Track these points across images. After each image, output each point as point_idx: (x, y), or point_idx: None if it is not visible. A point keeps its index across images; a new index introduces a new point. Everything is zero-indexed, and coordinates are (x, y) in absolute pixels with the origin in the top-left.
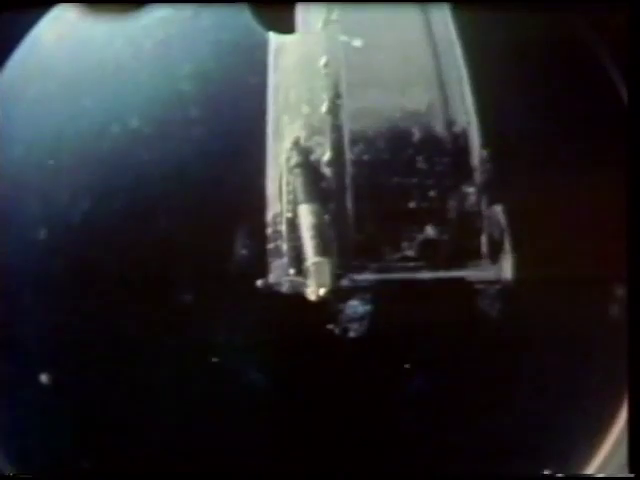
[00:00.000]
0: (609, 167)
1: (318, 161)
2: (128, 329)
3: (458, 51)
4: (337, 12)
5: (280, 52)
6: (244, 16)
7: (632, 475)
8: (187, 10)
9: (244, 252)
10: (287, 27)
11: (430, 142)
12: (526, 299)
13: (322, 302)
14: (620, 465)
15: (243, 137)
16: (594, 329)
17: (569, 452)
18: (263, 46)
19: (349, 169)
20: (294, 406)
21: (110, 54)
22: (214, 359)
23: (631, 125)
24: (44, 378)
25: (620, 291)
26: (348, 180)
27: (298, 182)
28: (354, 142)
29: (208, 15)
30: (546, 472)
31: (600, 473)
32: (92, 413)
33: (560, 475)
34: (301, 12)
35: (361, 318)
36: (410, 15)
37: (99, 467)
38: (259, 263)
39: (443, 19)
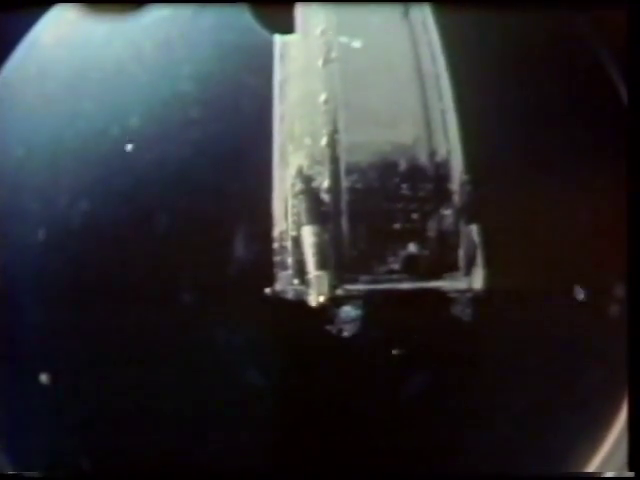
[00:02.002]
0: (608, 169)
1: (318, 188)
2: (128, 329)
3: (444, 82)
4: (336, 50)
5: (285, 84)
6: (245, 16)
7: (632, 474)
8: (187, 10)
9: (252, 263)
10: (287, 27)
11: (414, 171)
12: (496, 305)
13: (321, 308)
14: (620, 464)
15: (244, 138)
16: (594, 329)
17: (569, 452)
18: (264, 46)
19: (345, 195)
20: (297, 395)
21: (110, 54)
22: (219, 359)
23: (631, 125)
24: (44, 378)
25: (619, 291)
26: (344, 205)
27: (302, 206)
28: (349, 172)
29: (208, 15)
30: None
31: (600, 472)
32: (92, 413)
33: (560, 475)
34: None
35: (353, 321)
36: (401, 54)
37: (99, 467)
38: (266, 273)
39: (431, 53)
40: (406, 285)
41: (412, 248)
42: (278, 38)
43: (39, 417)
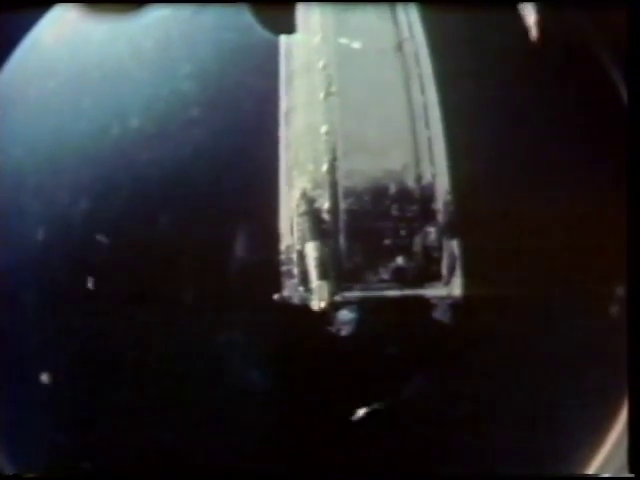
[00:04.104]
0: (608, 170)
1: (320, 209)
2: (128, 329)
3: (432, 111)
4: (336, 85)
5: (290, 113)
6: (244, 16)
7: (632, 475)
8: (187, 10)
9: (263, 272)
10: (287, 27)
11: (402, 194)
12: (473, 310)
13: (322, 311)
14: (620, 465)
15: (244, 137)
16: (594, 329)
17: (569, 452)
18: (264, 46)
19: (342, 216)
20: (299, 386)
21: (110, 54)
22: (224, 359)
23: (631, 125)
24: (44, 378)
25: (620, 291)
26: (342, 224)
27: (305, 225)
28: (346, 195)
29: (208, 15)
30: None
31: (600, 473)
32: (92, 413)
33: (560, 476)
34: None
35: (349, 322)
36: (393, 88)
37: (99, 467)
38: (274, 281)
39: (421, 84)
40: (394, 292)
41: (400, 261)
42: (282, 70)
43: (39, 417)
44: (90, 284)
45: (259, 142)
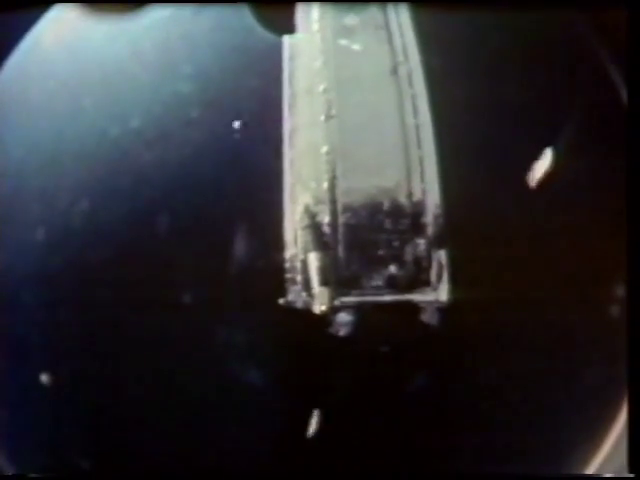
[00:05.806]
0: (608, 170)
1: (321, 223)
2: (128, 329)
3: (424, 132)
4: (335, 108)
5: (294, 133)
6: (245, 17)
7: (632, 475)
8: (187, 10)
9: (268, 278)
10: (287, 27)
11: (395, 209)
12: (458, 313)
13: (323, 314)
14: (620, 465)
15: (243, 137)
16: (594, 329)
17: (569, 452)
18: (264, 47)
19: (341, 229)
20: (301, 382)
21: (110, 54)
22: (230, 360)
23: (631, 125)
24: (44, 378)
25: (619, 291)
26: (340, 236)
27: (308, 237)
28: (345, 211)
29: (208, 15)
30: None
31: (600, 473)
32: (92, 413)
33: (560, 475)
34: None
35: (347, 324)
36: (387, 109)
37: (99, 467)
38: (280, 286)
39: (414, 106)
40: (387, 297)
41: (392, 269)
42: (286, 92)
43: (39, 417)
44: (90, 285)
45: (260, 143)
